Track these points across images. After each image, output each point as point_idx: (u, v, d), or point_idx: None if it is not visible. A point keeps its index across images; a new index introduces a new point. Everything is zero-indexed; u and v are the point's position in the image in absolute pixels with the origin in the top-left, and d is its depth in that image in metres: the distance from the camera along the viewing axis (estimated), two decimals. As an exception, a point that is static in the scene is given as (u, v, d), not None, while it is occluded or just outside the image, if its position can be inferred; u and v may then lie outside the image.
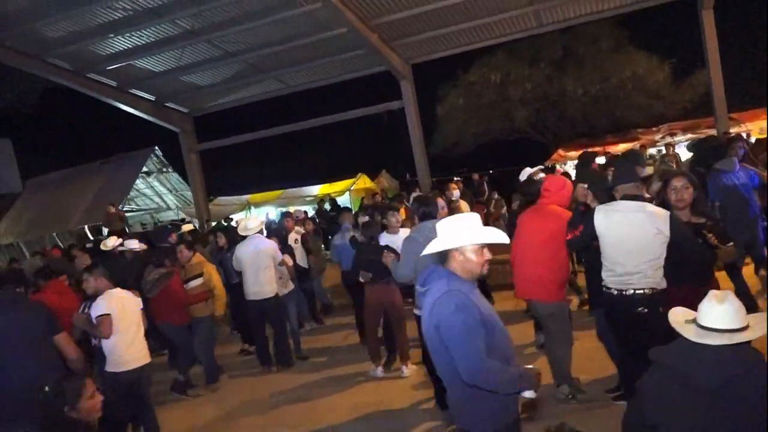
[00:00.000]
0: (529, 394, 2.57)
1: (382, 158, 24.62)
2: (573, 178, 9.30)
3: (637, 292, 3.82)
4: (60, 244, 20.63)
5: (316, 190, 21.26)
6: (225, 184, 23.23)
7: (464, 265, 2.60)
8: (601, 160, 11.80)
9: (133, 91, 16.93)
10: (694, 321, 2.12)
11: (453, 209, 7.31)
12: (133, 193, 22.99)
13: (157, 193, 24.42)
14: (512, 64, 19.37)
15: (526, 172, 5.80)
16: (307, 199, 20.40)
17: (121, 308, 4.44)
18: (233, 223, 14.15)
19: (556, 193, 4.71)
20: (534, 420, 4.16)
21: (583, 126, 19.81)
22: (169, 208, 24.77)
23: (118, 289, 4.62)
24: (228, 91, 17.92)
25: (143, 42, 13.88)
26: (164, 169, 23.26)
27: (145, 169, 22.44)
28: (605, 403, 4.58)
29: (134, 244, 8.18)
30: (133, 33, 13.36)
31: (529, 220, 4.83)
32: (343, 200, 19.48)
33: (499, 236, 2.60)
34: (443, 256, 2.62)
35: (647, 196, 4.41)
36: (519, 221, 4.93)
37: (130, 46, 14.10)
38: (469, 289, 2.58)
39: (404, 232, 6.10)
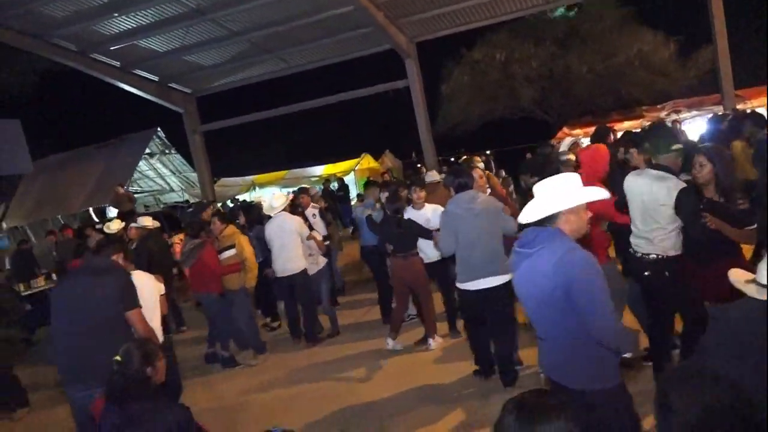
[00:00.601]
0: (629, 353, 2.60)
1: (385, 138, 24.74)
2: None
3: (645, 256, 4.07)
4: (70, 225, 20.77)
5: (320, 170, 21.33)
6: (229, 165, 23.31)
7: (573, 224, 2.62)
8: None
9: (137, 71, 16.91)
10: (754, 281, 2.21)
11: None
12: (136, 175, 23.00)
13: (160, 174, 24.45)
14: (517, 41, 19.30)
15: (566, 143, 5.78)
16: (312, 179, 20.48)
17: (139, 289, 4.48)
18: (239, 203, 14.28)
19: (590, 165, 4.81)
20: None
21: (588, 104, 19.79)
22: (172, 190, 24.82)
23: (139, 272, 4.67)
24: (231, 71, 17.90)
25: (147, 21, 13.85)
26: (167, 151, 23.26)
27: (147, 150, 22.41)
28: (637, 365, 4.71)
29: (148, 221, 8.27)
30: (137, 12, 13.33)
31: None
32: (348, 180, 19.54)
33: (605, 194, 2.70)
34: (550, 218, 2.61)
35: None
36: None
37: (134, 26, 14.07)
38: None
39: (429, 208, 6.21)
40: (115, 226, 8.42)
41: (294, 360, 6.77)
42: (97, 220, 19.81)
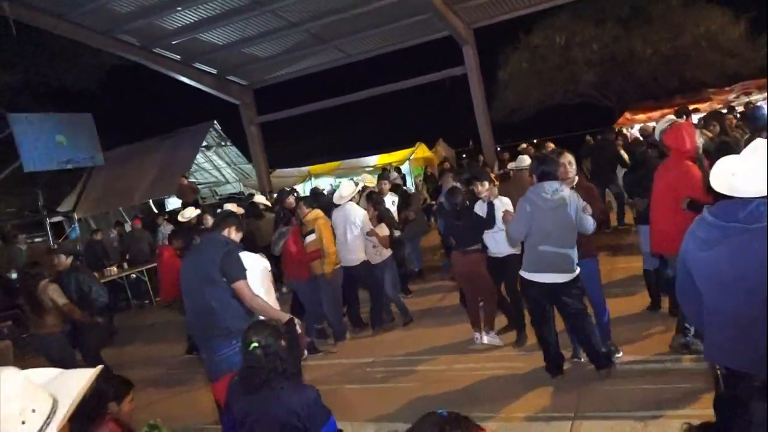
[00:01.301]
0: None
1: (438, 126, 24.54)
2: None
3: None
4: (125, 218, 21.44)
5: (375, 160, 21.30)
6: (283, 156, 23.51)
7: None
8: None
9: (196, 64, 17.26)
10: None
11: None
12: (193, 168, 23.45)
13: (216, 166, 24.90)
14: (578, 23, 18.82)
15: (664, 122, 5.55)
16: (367, 169, 20.46)
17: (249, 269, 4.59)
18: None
19: (677, 144, 4.66)
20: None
21: (652, 87, 19.18)
22: (227, 182, 25.26)
23: (245, 252, 4.76)
24: (288, 62, 18.07)
25: (208, 14, 14.11)
26: (223, 143, 23.66)
27: (204, 143, 22.83)
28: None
29: (190, 212, 8.47)
30: (199, 6, 13.57)
31: (657, 176, 4.81)
32: (403, 170, 19.46)
33: None
34: None
35: None
36: (654, 177, 4.88)
37: (196, 19, 14.34)
38: None
39: (500, 202, 6.06)
40: (188, 213, 8.60)
41: (369, 347, 6.80)
42: (156, 211, 20.38)
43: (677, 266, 2.81)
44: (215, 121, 22.83)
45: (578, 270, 4.60)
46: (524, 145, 15.84)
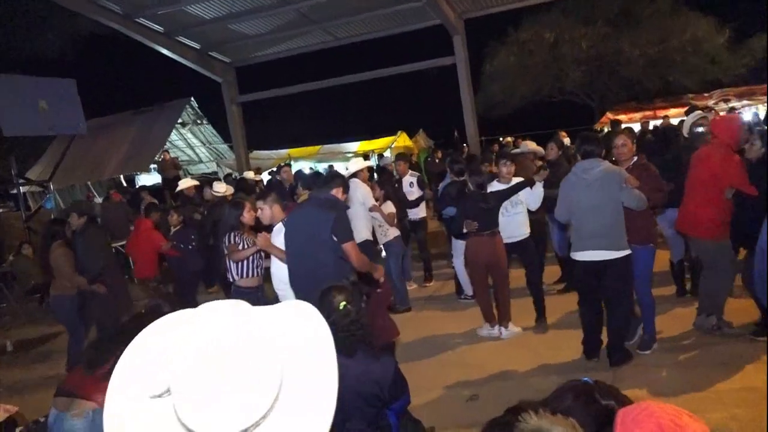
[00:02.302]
0: None
1: (419, 117, 24.66)
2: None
3: None
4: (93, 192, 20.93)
5: (355, 146, 21.27)
6: (262, 138, 23.25)
7: None
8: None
9: (180, 38, 16.84)
10: None
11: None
12: (166, 145, 22.97)
13: (190, 145, 24.47)
14: (567, 22, 19.03)
15: (693, 116, 5.64)
16: (348, 155, 20.39)
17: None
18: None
19: (722, 134, 4.78)
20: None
21: (635, 89, 19.56)
22: (201, 161, 24.87)
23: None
24: (273, 42, 17.82)
25: (197, -14, 13.76)
26: (198, 121, 23.24)
27: (180, 120, 22.38)
28: (746, 339, 4.73)
29: (221, 188, 8.31)
30: (188, -24, 13.24)
31: (697, 161, 4.93)
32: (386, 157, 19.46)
33: None
34: None
35: None
36: (691, 160, 5.00)
37: (183, -10, 13.98)
38: None
39: (515, 182, 6.12)
40: (222, 188, 8.48)
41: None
42: (126, 186, 19.93)
43: (757, 257, 2.90)
44: (192, 98, 22.44)
45: (626, 251, 4.65)
46: (509, 139, 16.08)
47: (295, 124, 27.14)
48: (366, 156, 18.56)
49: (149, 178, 19.88)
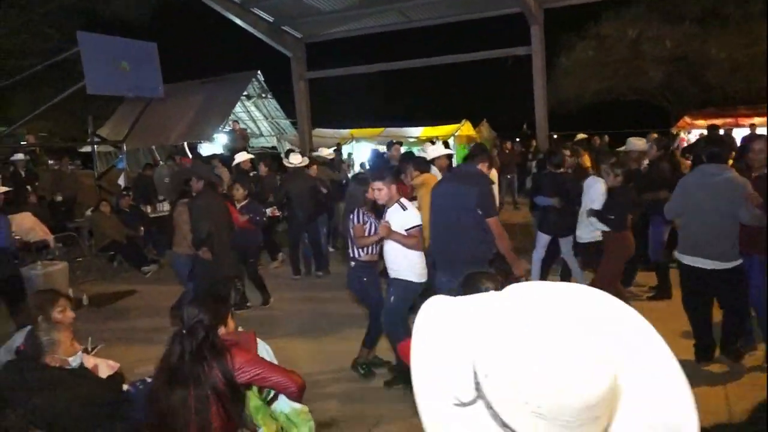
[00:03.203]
0: None
1: (484, 106, 24.25)
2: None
3: None
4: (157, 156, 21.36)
5: (418, 131, 21.08)
6: (324, 116, 23.20)
7: None
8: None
9: (254, 10, 16.90)
10: None
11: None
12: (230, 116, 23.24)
13: (253, 118, 24.71)
14: (652, 18, 18.29)
15: None
16: (410, 140, 20.21)
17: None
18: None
19: None
20: None
21: (717, 94, 18.73)
22: (261, 135, 25.08)
23: (404, 200, 4.72)
24: (346, 20, 17.70)
25: (277, -43, 13.74)
26: (263, 95, 23.39)
27: (245, 92, 22.59)
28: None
29: (297, 159, 8.29)
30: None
31: None
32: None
33: None
34: None
35: None
36: None
37: (263, -38, 13.99)
38: None
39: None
40: (297, 159, 8.48)
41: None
42: (189, 155, 20.22)
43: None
44: (258, 72, 22.59)
45: (737, 262, 4.41)
46: (582, 135, 15.59)
47: (359, 104, 27.04)
48: (446, 143, 18.29)
49: (211, 148, 20.10)
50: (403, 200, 4.77)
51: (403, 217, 4.67)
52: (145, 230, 9.92)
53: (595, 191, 5.85)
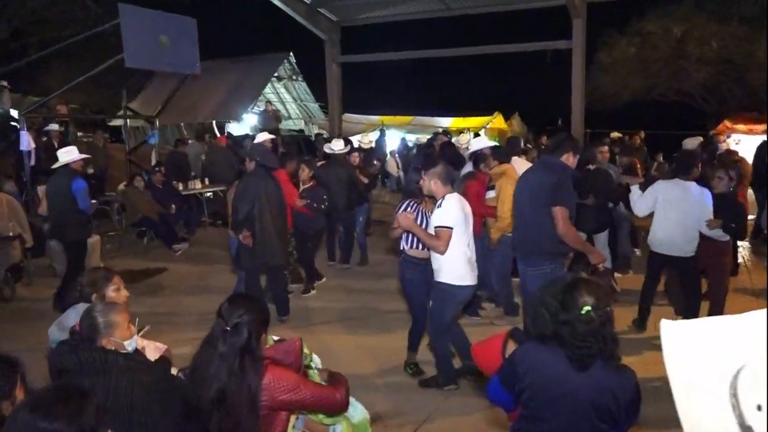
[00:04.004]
0: None
1: (514, 99, 23.85)
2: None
3: None
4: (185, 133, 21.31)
5: (448, 122, 20.77)
6: (351, 101, 22.93)
7: None
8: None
9: (293, -9, 16.72)
10: None
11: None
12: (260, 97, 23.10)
13: (282, 100, 24.50)
14: (699, 17, 17.75)
15: None
16: (440, 129, 19.93)
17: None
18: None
19: None
20: None
21: (761, 98, 18.15)
22: (290, 117, 24.90)
23: (456, 194, 4.45)
24: (384, 4, 17.49)
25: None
26: (294, 77, 23.19)
27: (276, 74, 22.41)
28: None
29: (338, 145, 8.10)
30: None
31: None
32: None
33: None
34: None
35: None
36: None
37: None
38: None
39: None
40: (339, 145, 8.27)
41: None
42: (218, 134, 20.13)
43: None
44: (291, 53, 22.40)
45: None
46: (617, 134, 15.23)
47: (389, 91, 26.71)
48: (477, 135, 17.94)
49: (238, 127, 19.99)
50: (448, 197, 4.42)
51: (435, 214, 4.45)
52: (177, 208, 9.80)
53: (708, 199, 5.39)
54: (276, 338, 3.10)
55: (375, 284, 7.63)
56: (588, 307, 2.23)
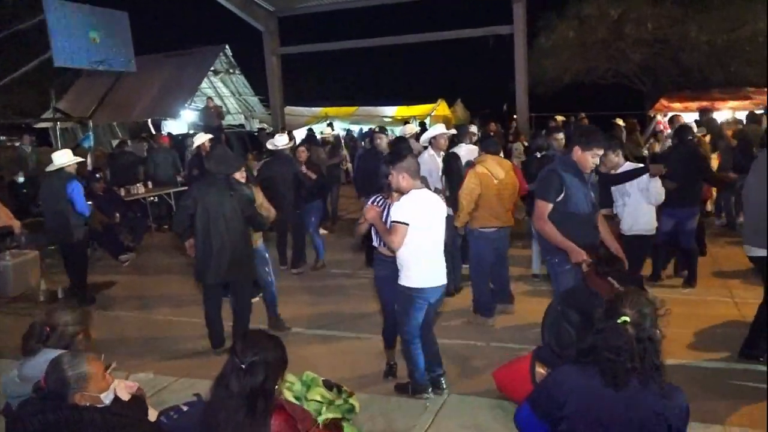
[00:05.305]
0: None
1: (457, 86, 23.90)
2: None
3: None
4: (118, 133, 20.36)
5: (393, 111, 20.64)
6: (293, 93, 22.42)
7: None
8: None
9: (225, -20, 16.03)
10: None
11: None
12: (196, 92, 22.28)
13: (219, 95, 23.73)
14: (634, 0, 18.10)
15: None
16: (385, 119, 19.73)
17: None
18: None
19: None
20: None
21: (696, 77, 18.71)
22: (229, 113, 24.13)
23: (425, 191, 4.11)
24: (322, -8, 16.94)
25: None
26: (231, 70, 22.47)
27: (212, 68, 21.64)
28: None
29: (282, 141, 7.76)
30: None
31: None
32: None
33: None
34: None
35: None
36: None
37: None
38: None
39: None
40: (283, 141, 7.82)
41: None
42: (153, 132, 19.27)
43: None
44: (226, 46, 21.67)
45: None
46: (560, 118, 15.36)
47: (331, 82, 26.32)
48: (423, 123, 17.79)
49: (175, 125, 19.22)
50: (413, 192, 4.12)
51: (393, 207, 4.17)
52: (121, 215, 9.20)
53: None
54: None
55: (339, 287, 7.37)
56: (626, 318, 2.07)
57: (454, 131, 7.73)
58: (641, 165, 5.86)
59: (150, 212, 10.69)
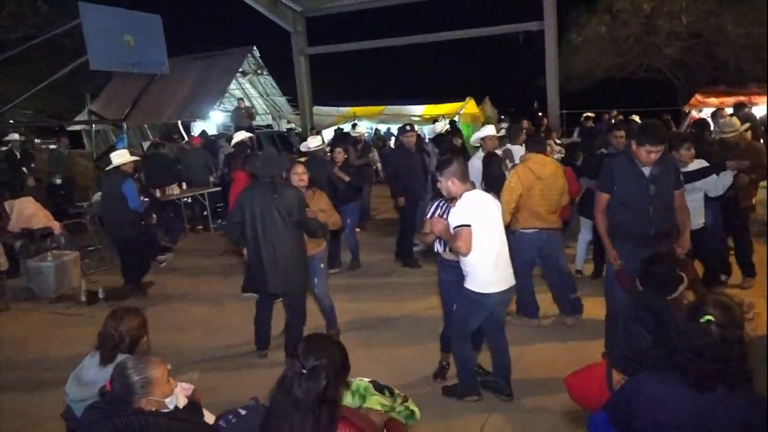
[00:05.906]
0: None
1: (485, 83, 23.69)
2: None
3: None
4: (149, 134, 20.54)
5: (421, 110, 20.49)
6: (320, 93, 22.44)
7: None
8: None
9: (254, -18, 16.15)
10: None
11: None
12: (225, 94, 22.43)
13: (247, 95, 23.84)
14: (668, -8, 17.78)
15: None
16: (413, 118, 19.59)
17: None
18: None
19: None
20: None
21: (731, 72, 18.30)
22: (256, 113, 24.25)
23: (477, 191, 4.05)
24: (349, -8, 16.96)
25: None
26: (259, 71, 22.57)
27: (240, 69, 21.75)
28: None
29: (315, 142, 7.76)
30: None
31: None
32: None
33: None
34: None
35: None
36: None
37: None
38: None
39: None
40: (315, 142, 7.82)
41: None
42: (184, 134, 19.43)
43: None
44: (254, 47, 21.76)
45: None
46: (589, 114, 15.12)
47: (358, 82, 26.29)
48: (453, 122, 17.63)
49: (205, 126, 19.36)
50: (466, 194, 4.02)
51: (451, 214, 4.08)
52: (157, 216, 9.27)
53: None
54: None
55: (376, 288, 7.31)
56: (710, 317, 1.97)
57: (503, 132, 7.70)
58: (707, 164, 5.58)
59: (183, 213, 10.79)
